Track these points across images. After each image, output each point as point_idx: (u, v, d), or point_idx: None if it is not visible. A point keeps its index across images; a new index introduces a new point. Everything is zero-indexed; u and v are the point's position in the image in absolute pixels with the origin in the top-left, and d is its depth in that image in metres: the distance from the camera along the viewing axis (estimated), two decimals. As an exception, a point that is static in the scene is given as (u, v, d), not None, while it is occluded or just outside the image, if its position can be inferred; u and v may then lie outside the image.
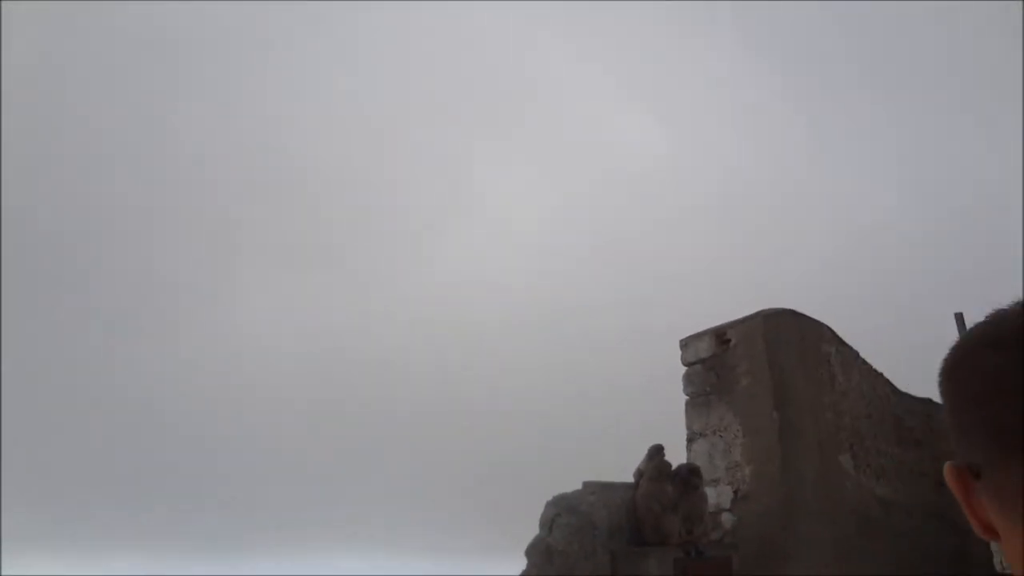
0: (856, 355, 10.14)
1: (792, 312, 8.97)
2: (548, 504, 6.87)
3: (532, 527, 7.15)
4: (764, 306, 8.99)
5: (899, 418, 10.74)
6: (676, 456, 8.91)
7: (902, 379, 11.24)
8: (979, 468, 0.80)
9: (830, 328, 9.66)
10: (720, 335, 8.89)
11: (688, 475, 7.26)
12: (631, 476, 7.63)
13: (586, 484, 7.19)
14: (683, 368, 9.23)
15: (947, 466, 0.84)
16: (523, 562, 6.87)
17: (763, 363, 8.48)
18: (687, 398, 8.99)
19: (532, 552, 6.61)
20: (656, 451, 7.35)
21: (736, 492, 8.27)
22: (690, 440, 8.80)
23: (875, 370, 10.53)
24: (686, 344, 9.16)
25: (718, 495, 8.36)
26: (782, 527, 7.83)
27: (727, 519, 8.22)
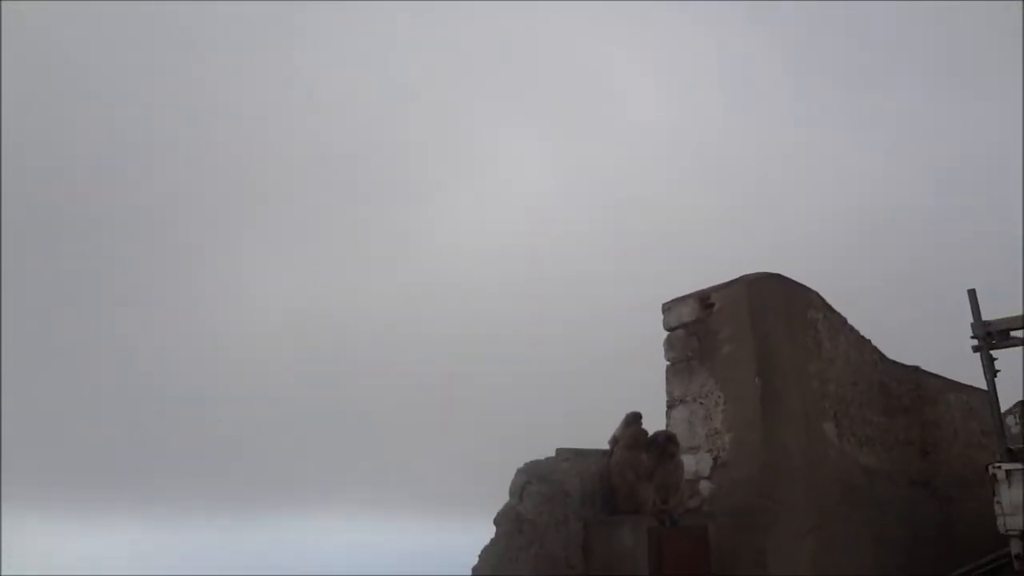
0: (844, 321, 9.91)
1: (778, 276, 8.70)
2: (519, 471, 6.67)
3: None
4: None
5: (886, 385, 10.54)
6: (659, 423, 8.73)
7: (891, 348, 11.05)
8: None
9: (818, 294, 9.40)
10: (704, 299, 8.63)
11: (665, 443, 7.05)
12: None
13: (559, 451, 6.99)
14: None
15: None
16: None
17: (747, 328, 8.23)
18: (668, 363, 8.76)
19: (501, 520, 6.42)
20: (632, 419, 7.14)
21: (716, 460, 8.07)
22: (670, 407, 8.58)
23: (863, 337, 10.30)
24: (669, 308, 8.90)
25: (697, 462, 8.17)
26: (762, 495, 7.64)
27: (706, 487, 8.02)
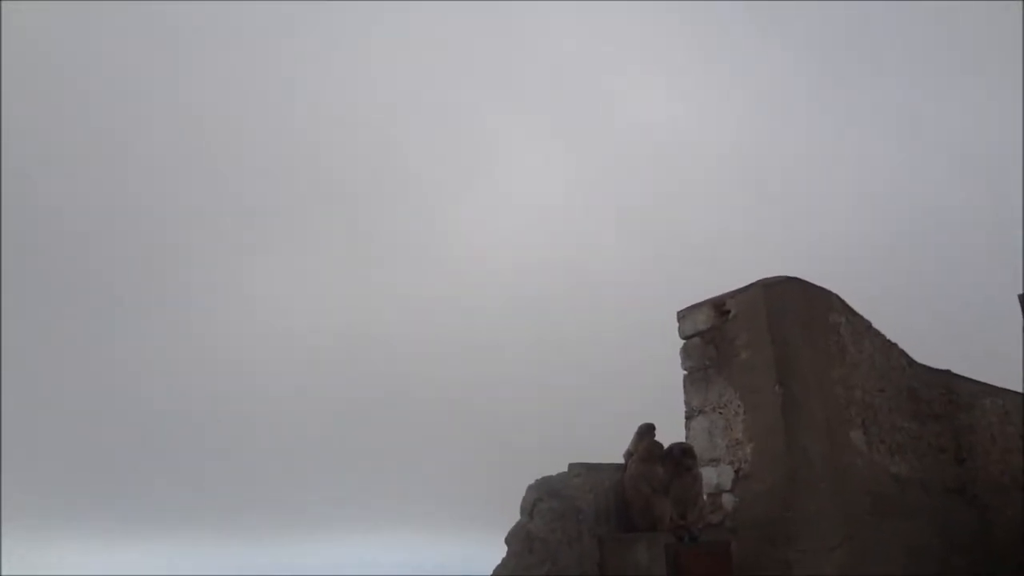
0: (868, 325, 9.59)
1: (796, 280, 8.44)
2: (530, 488, 6.47)
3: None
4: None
5: (915, 391, 10.17)
6: (679, 435, 8.47)
7: (921, 352, 10.69)
8: None
9: (839, 297, 9.12)
10: (719, 306, 8.38)
11: (680, 455, 6.80)
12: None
13: (571, 466, 6.77)
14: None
15: None
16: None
17: (764, 334, 7.97)
18: (685, 373, 8.51)
19: (512, 539, 6.21)
20: (646, 430, 6.91)
21: (737, 472, 7.80)
22: (688, 417, 8.32)
23: (889, 340, 9.97)
24: (684, 316, 8.66)
25: (719, 475, 7.90)
26: (785, 507, 7.36)
27: (728, 500, 7.75)
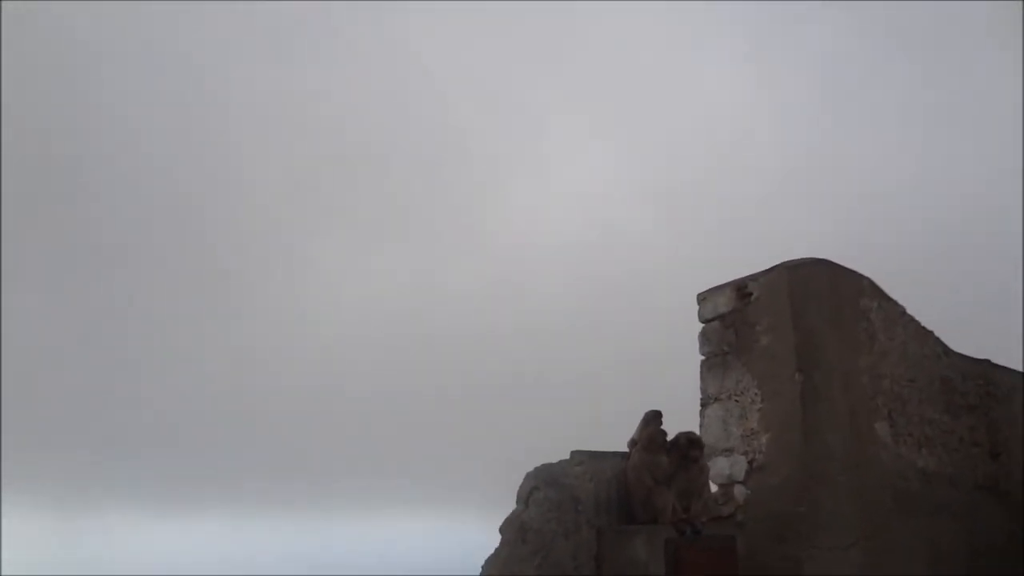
0: (902, 311, 9.09)
1: (823, 262, 7.99)
2: (527, 475, 6.21)
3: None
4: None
5: (950, 381, 9.67)
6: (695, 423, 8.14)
7: (958, 341, 10.16)
8: None
9: (871, 280, 8.63)
10: (741, 288, 7.98)
11: (687, 446, 6.46)
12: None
13: (574, 454, 6.49)
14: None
15: None
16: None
17: (786, 319, 7.55)
18: (702, 358, 8.14)
19: (506, 528, 5.97)
20: (651, 418, 6.59)
21: (751, 463, 7.45)
22: (704, 405, 7.96)
23: (924, 328, 9.46)
24: (704, 298, 8.27)
25: (731, 465, 7.55)
26: (799, 502, 7.00)
27: (740, 492, 7.42)
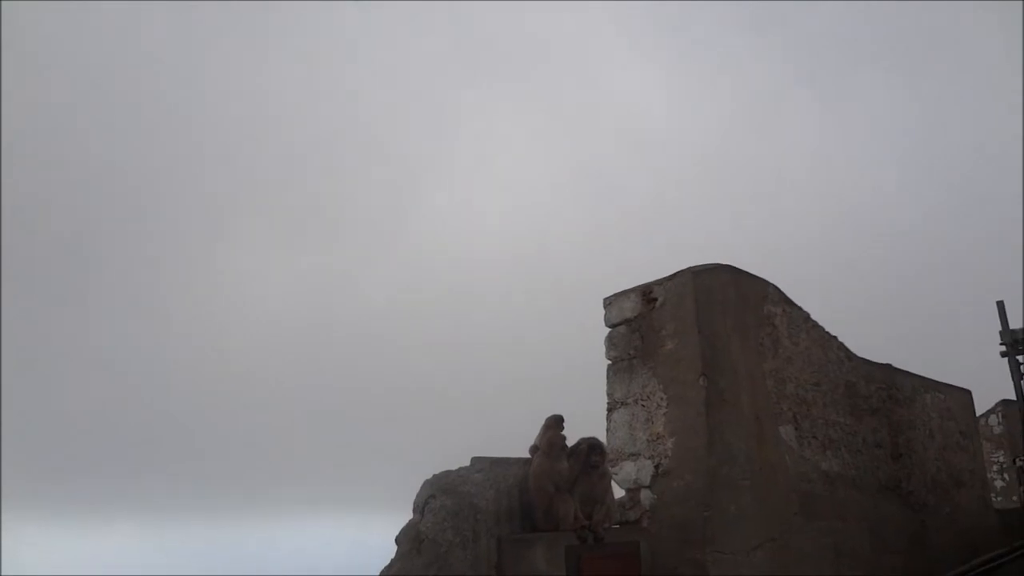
0: (806, 316, 9.23)
1: (728, 268, 8.03)
2: (424, 483, 6.00)
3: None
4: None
5: (854, 385, 9.85)
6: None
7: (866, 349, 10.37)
8: None
9: (776, 287, 8.73)
10: (646, 293, 7.96)
11: (588, 451, 6.36)
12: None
13: (474, 460, 6.31)
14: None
15: None
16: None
17: (691, 324, 7.55)
18: (609, 363, 8.08)
19: (401, 539, 5.75)
20: (553, 423, 6.46)
21: (657, 467, 7.40)
22: (610, 409, 7.90)
23: (828, 333, 9.62)
24: (610, 303, 8.22)
25: (638, 470, 7.50)
26: (704, 506, 6.97)
27: (646, 497, 7.36)
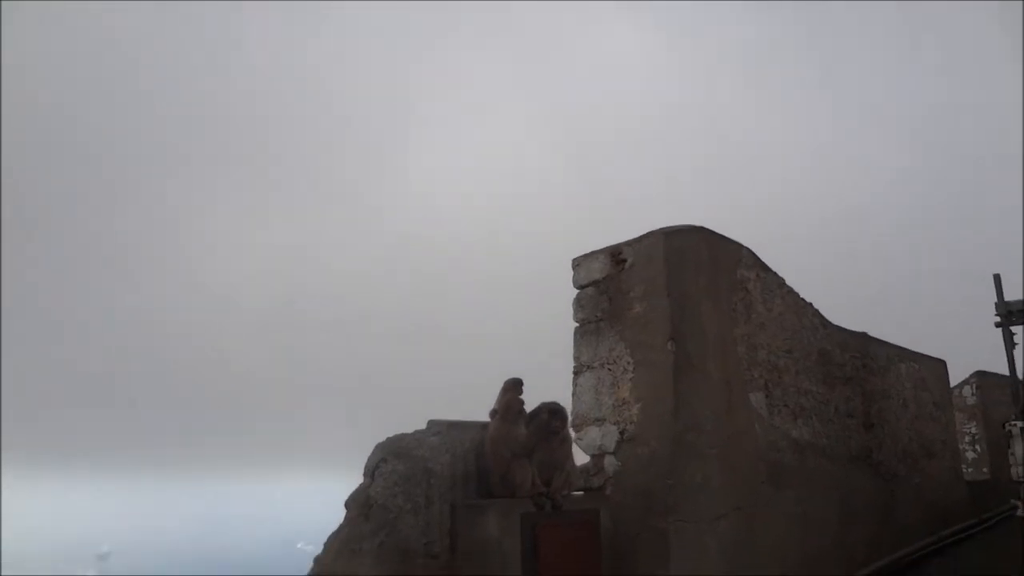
0: (781, 282, 9.01)
1: (701, 229, 7.77)
2: (377, 447, 5.74)
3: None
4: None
5: (828, 353, 9.68)
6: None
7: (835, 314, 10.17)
8: None
9: (750, 251, 8.49)
10: (615, 254, 7.68)
11: (548, 416, 6.11)
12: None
13: (431, 423, 6.05)
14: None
15: None
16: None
17: (661, 286, 7.29)
18: (576, 325, 7.83)
19: (351, 504, 5.50)
20: (511, 386, 6.20)
21: (622, 433, 7.18)
22: (576, 373, 7.66)
23: (803, 300, 9.42)
24: (578, 264, 7.95)
25: (603, 436, 7.28)
26: (668, 474, 6.76)
27: (611, 464, 7.15)
